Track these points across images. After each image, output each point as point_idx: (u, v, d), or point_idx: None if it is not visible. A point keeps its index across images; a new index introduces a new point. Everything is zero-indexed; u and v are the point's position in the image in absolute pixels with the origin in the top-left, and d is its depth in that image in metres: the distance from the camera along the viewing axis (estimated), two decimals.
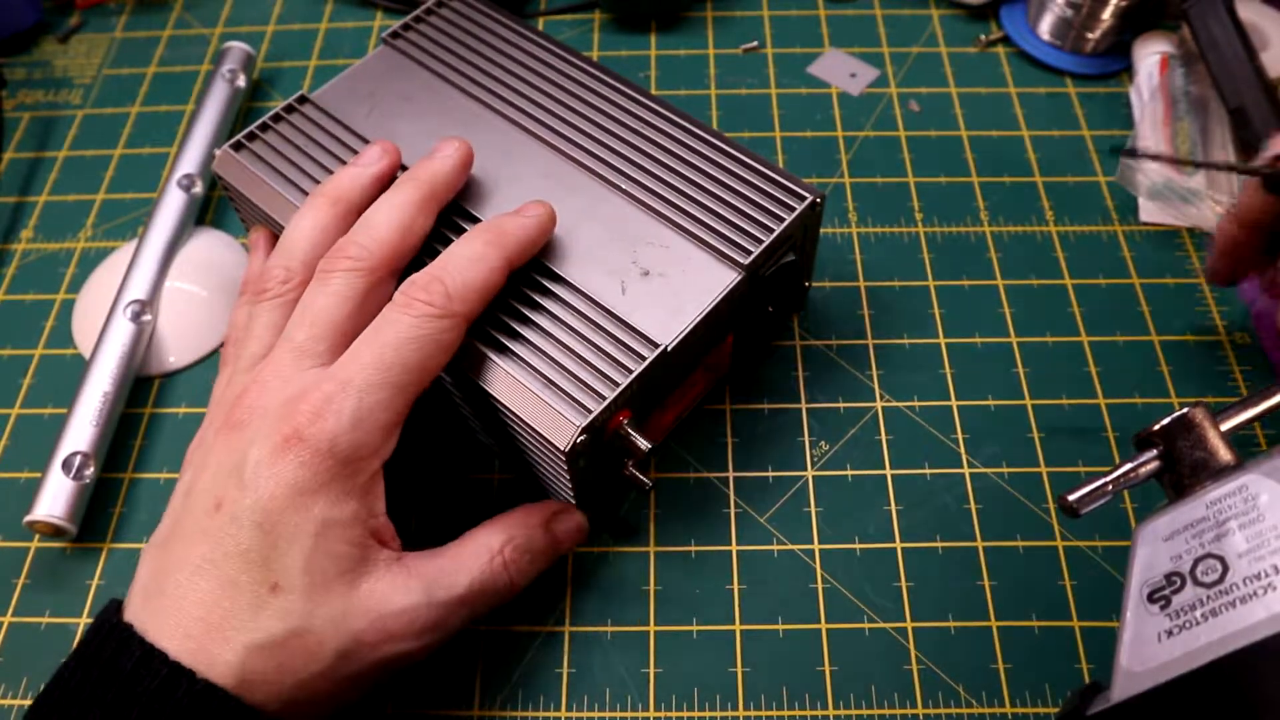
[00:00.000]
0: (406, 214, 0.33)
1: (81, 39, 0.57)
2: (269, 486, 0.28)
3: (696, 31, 0.55)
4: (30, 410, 0.43)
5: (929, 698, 0.35)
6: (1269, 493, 0.25)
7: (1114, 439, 0.40)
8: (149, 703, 0.26)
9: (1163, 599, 0.25)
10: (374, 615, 0.29)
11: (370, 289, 0.32)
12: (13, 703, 0.36)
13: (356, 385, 0.29)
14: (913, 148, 0.49)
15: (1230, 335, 0.42)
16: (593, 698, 0.35)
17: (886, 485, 0.39)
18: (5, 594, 0.38)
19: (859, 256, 0.45)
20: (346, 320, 0.31)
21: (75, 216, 0.49)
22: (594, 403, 0.32)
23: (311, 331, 0.31)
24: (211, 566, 0.28)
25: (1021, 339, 0.43)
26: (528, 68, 0.41)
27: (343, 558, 0.29)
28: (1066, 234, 0.46)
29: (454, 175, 0.36)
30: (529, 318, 0.34)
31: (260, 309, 0.33)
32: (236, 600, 0.28)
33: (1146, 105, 0.47)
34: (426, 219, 0.34)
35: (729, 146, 0.38)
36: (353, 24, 0.57)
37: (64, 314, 0.46)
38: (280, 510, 0.28)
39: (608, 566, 0.38)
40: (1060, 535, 0.38)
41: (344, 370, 0.30)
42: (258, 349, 0.33)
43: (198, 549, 0.28)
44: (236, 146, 0.39)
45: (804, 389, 0.42)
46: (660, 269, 0.35)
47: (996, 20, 0.54)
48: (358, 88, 0.41)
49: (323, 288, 0.32)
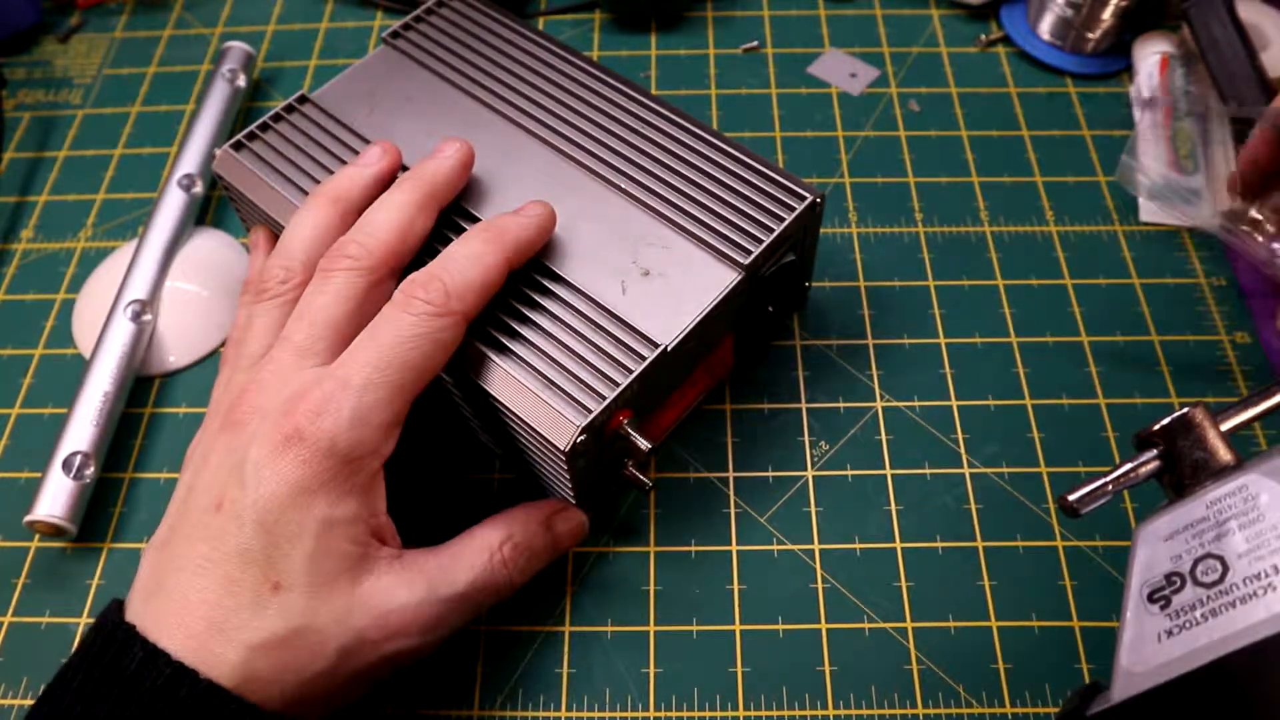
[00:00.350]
0: (406, 214, 0.33)
1: (81, 39, 0.57)
2: (270, 485, 0.28)
3: (696, 31, 0.55)
4: (30, 410, 0.43)
5: (929, 698, 0.35)
6: (1269, 493, 0.25)
7: (1114, 439, 0.40)
8: (152, 702, 0.26)
9: (1163, 599, 0.25)
10: (376, 612, 0.29)
11: (370, 288, 0.32)
12: (13, 703, 0.36)
13: (356, 384, 0.29)
14: (913, 148, 0.49)
15: (1230, 335, 0.42)
16: (593, 698, 0.35)
17: (886, 485, 0.39)
18: (5, 594, 0.38)
19: (859, 256, 0.45)
20: (346, 319, 0.31)
21: (75, 216, 0.49)
22: (594, 402, 0.32)
23: (311, 331, 0.31)
24: (213, 565, 0.28)
25: (1021, 339, 0.43)
26: (528, 68, 0.41)
27: (344, 556, 0.29)
28: (1066, 234, 0.46)
29: (455, 175, 0.36)
30: (529, 318, 0.34)
31: (260, 309, 0.33)
32: (238, 599, 0.28)
33: (1146, 105, 0.47)
34: (427, 219, 0.34)
35: (729, 146, 0.38)
36: (353, 24, 0.57)
37: (64, 314, 0.46)
38: (281, 509, 0.28)
39: (608, 566, 0.38)
40: (1060, 535, 0.38)
41: (343, 369, 0.30)
42: (257, 349, 0.33)
43: (199, 548, 0.29)
44: (237, 146, 0.39)
45: (804, 389, 0.42)
46: (660, 269, 0.35)
47: (996, 20, 0.54)
48: (358, 88, 0.41)
49: (322, 287, 0.32)
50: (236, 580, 0.28)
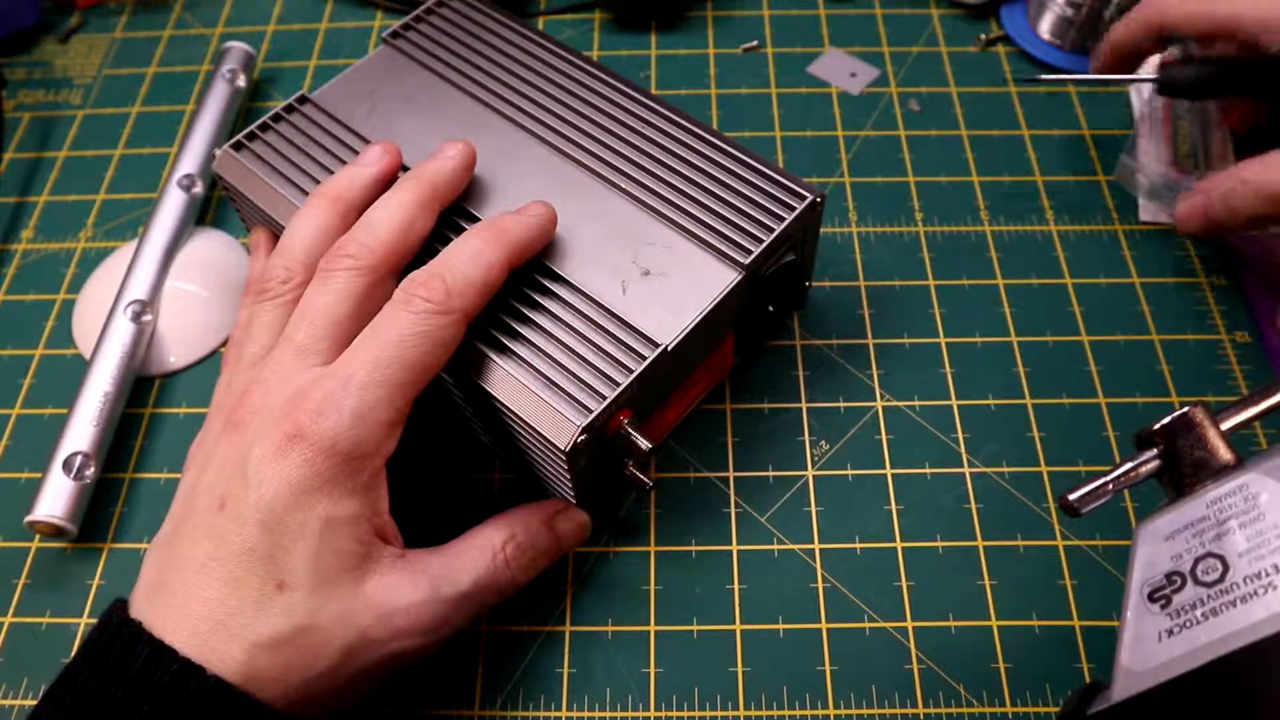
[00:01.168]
0: (407, 213, 0.33)
1: (81, 39, 0.57)
2: (273, 485, 0.28)
3: (696, 31, 0.55)
4: (30, 410, 0.43)
5: (929, 697, 0.35)
6: (1269, 492, 0.25)
7: (1114, 439, 0.40)
8: (159, 699, 0.26)
9: (1163, 598, 0.25)
10: (380, 611, 0.29)
11: (371, 288, 0.32)
12: (13, 703, 0.36)
13: (357, 382, 0.29)
14: (913, 147, 0.49)
15: (1230, 335, 0.42)
16: (593, 698, 0.35)
17: (887, 485, 0.39)
18: (5, 594, 0.38)
19: (859, 256, 0.45)
20: (347, 319, 0.31)
21: (75, 216, 0.49)
22: (594, 402, 0.32)
23: (312, 330, 0.31)
24: (217, 564, 0.28)
25: (1021, 339, 0.43)
26: (528, 68, 0.41)
27: (348, 555, 0.29)
28: (1066, 234, 0.46)
29: (456, 176, 0.36)
30: (529, 318, 0.34)
31: (261, 309, 0.34)
32: (243, 598, 0.28)
33: (1146, 105, 0.47)
34: (427, 219, 0.34)
35: (729, 146, 0.38)
36: (353, 24, 0.57)
37: (64, 314, 0.46)
38: (284, 508, 0.28)
39: (608, 566, 0.38)
40: (1060, 535, 0.38)
41: (345, 368, 0.30)
42: (258, 349, 0.33)
43: (202, 547, 0.29)
44: (237, 146, 0.39)
45: (804, 389, 0.42)
46: (661, 269, 0.35)
47: (996, 20, 0.54)
48: (358, 88, 0.41)
49: (323, 287, 0.32)
50: (240, 579, 0.28)
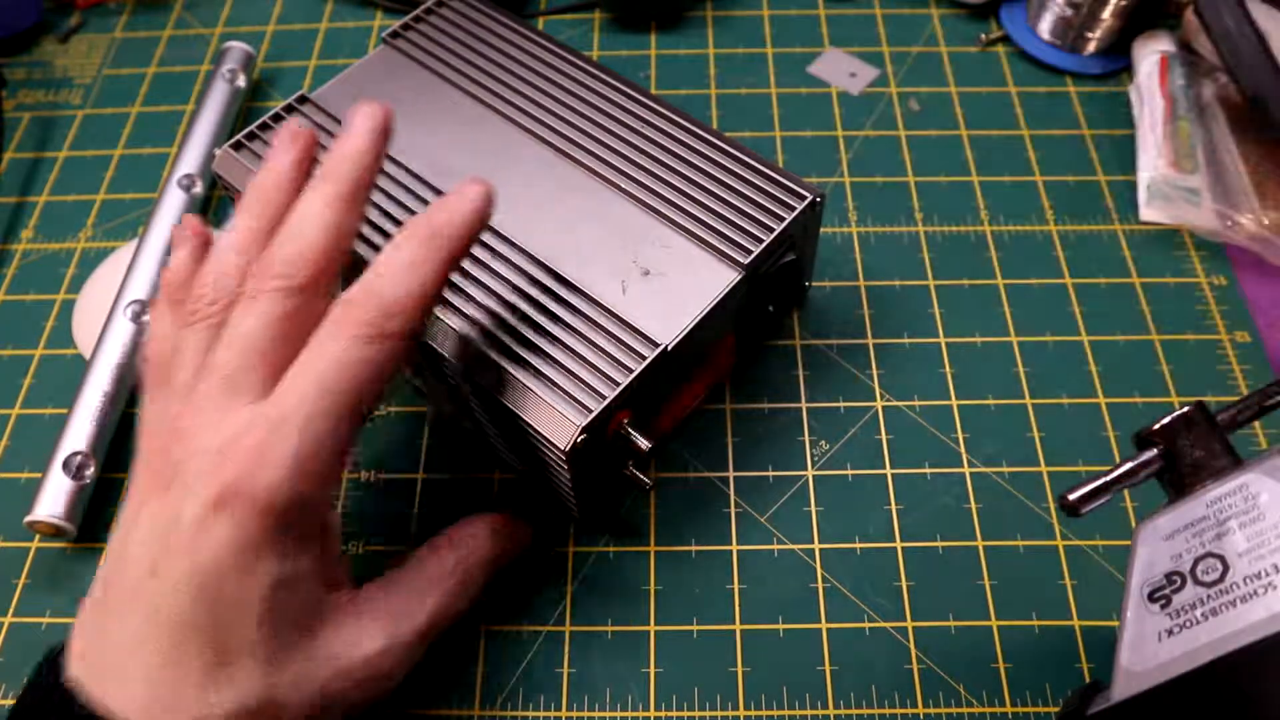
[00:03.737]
0: (336, 216, 0.29)
1: (81, 39, 0.57)
2: (208, 550, 0.26)
3: (696, 31, 0.55)
4: (30, 410, 0.43)
5: (929, 697, 0.35)
6: (1269, 492, 0.25)
7: (1114, 439, 0.40)
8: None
9: (1163, 598, 0.25)
10: (338, 666, 0.28)
11: (301, 308, 0.29)
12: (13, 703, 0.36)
13: (293, 423, 0.27)
14: (913, 147, 0.49)
15: (1230, 335, 0.42)
16: (593, 698, 0.35)
17: (887, 485, 0.39)
18: (5, 594, 0.38)
19: (859, 256, 0.45)
20: (278, 344, 0.28)
21: (75, 216, 0.49)
22: (594, 402, 0.32)
23: (241, 361, 0.28)
24: (153, 640, 0.26)
25: (1021, 339, 0.43)
26: (528, 68, 0.41)
27: (298, 613, 0.27)
28: (1066, 234, 0.46)
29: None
30: (530, 317, 0.34)
31: (188, 333, 0.30)
32: (186, 676, 0.26)
33: (1146, 105, 0.47)
34: (357, 216, 0.30)
35: (729, 146, 0.38)
36: (353, 24, 0.57)
37: (64, 314, 0.46)
38: (222, 575, 0.26)
39: (608, 566, 0.38)
40: (1060, 535, 0.38)
41: (278, 407, 0.27)
42: (188, 377, 0.29)
43: (134, 620, 0.26)
44: (236, 146, 0.39)
45: (804, 389, 0.42)
46: (661, 268, 0.35)
47: (996, 20, 0.54)
48: (358, 88, 0.41)
49: (250, 309, 0.28)
50: (180, 656, 0.26)
